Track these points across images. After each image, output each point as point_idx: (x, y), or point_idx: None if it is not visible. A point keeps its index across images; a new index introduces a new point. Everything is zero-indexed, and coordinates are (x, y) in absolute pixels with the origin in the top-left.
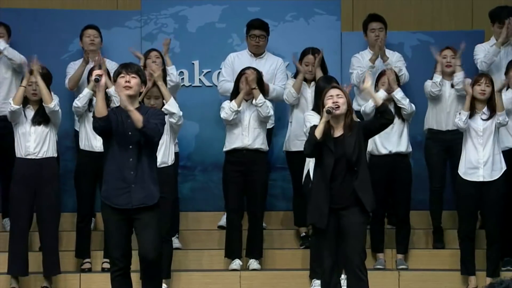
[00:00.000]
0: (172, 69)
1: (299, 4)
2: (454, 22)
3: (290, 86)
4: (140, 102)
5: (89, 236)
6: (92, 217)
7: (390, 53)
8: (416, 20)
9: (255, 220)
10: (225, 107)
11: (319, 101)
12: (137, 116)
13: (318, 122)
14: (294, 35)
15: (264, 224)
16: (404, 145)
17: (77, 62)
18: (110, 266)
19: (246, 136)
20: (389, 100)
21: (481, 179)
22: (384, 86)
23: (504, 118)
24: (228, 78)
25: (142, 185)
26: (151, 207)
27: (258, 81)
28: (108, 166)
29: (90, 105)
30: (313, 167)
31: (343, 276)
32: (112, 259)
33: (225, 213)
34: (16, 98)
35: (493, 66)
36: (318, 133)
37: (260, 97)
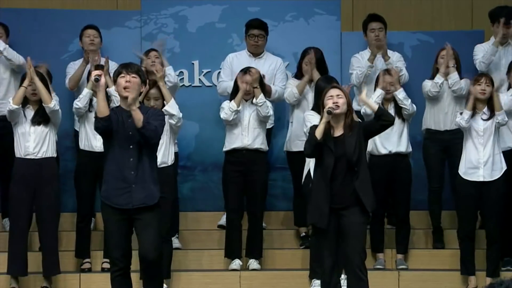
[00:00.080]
0: (169, 70)
1: (299, 4)
2: (454, 22)
3: (292, 86)
4: (140, 102)
5: (89, 236)
6: (92, 217)
7: (390, 53)
8: (416, 20)
9: (255, 220)
10: (225, 107)
11: (319, 101)
12: (139, 116)
13: (318, 122)
14: (294, 35)
15: (264, 224)
16: (404, 145)
17: (77, 62)
18: (110, 266)
19: (246, 136)
20: (389, 100)
21: (481, 179)
22: (380, 85)
23: (503, 118)
24: (226, 78)
25: (143, 185)
26: (151, 207)
27: (261, 81)
28: (109, 166)
29: (90, 105)
30: (314, 167)
31: (343, 276)
32: (112, 259)
33: (225, 213)
34: (16, 98)
35: (492, 66)
36: (319, 133)
37: (261, 96)
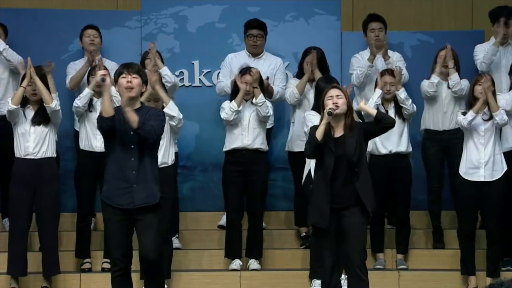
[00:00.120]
0: (164, 70)
1: (299, 4)
2: (454, 22)
3: (293, 86)
4: (141, 102)
5: (89, 236)
6: (92, 217)
7: (390, 53)
8: (416, 20)
9: (255, 220)
10: (225, 107)
11: (319, 101)
12: (133, 117)
13: (319, 122)
14: (294, 35)
15: (264, 224)
16: (404, 145)
17: (77, 62)
18: (111, 266)
19: (246, 136)
20: (389, 100)
21: (482, 179)
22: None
23: (501, 118)
24: (224, 78)
25: (144, 184)
26: (152, 207)
27: (260, 81)
28: (110, 166)
29: (90, 105)
30: (314, 167)
31: (343, 276)
32: (113, 259)
33: (225, 214)
34: (15, 98)
35: (493, 66)
36: (319, 134)
37: (261, 96)
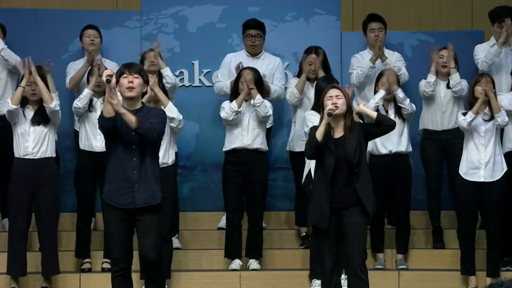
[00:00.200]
0: (166, 71)
1: (299, 4)
2: (454, 22)
3: (293, 86)
4: (142, 102)
5: (89, 236)
6: (92, 217)
7: (390, 53)
8: (416, 20)
9: (254, 220)
10: (225, 107)
11: (319, 101)
12: (131, 118)
13: (318, 123)
14: (294, 35)
15: (264, 224)
16: (404, 145)
17: (77, 62)
18: (111, 266)
19: (246, 136)
20: (389, 100)
21: (482, 180)
22: (384, 86)
23: (503, 119)
24: (222, 78)
25: (146, 184)
26: (154, 207)
27: (258, 81)
28: (111, 165)
29: (90, 106)
30: (314, 168)
31: (343, 276)
32: (113, 259)
33: (225, 215)
34: (14, 98)
35: (493, 66)
36: (319, 135)
37: (258, 97)
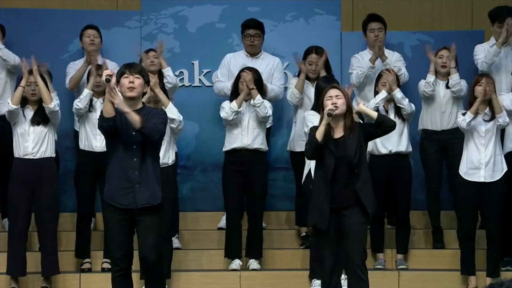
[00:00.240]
0: (167, 71)
1: (299, 4)
2: (454, 22)
3: (293, 86)
4: (143, 102)
5: (89, 236)
6: (92, 217)
7: (390, 53)
8: (416, 20)
9: (254, 220)
10: (225, 107)
11: (319, 101)
12: (135, 117)
13: (318, 123)
14: (294, 35)
15: (264, 224)
16: (404, 144)
17: (77, 62)
18: (111, 266)
19: (246, 136)
20: (389, 100)
21: (482, 180)
22: (385, 87)
23: (504, 120)
24: (222, 78)
25: (147, 185)
26: (154, 208)
27: (257, 81)
28: (112, 165)
29: (90, 106)
30: (314, 168)
31: (343, 276)
32: (114, 259)
33: (224, 215)
34: (14, 98)
35: (493, 67)
36: (319, 135)
37: (258, 97)
